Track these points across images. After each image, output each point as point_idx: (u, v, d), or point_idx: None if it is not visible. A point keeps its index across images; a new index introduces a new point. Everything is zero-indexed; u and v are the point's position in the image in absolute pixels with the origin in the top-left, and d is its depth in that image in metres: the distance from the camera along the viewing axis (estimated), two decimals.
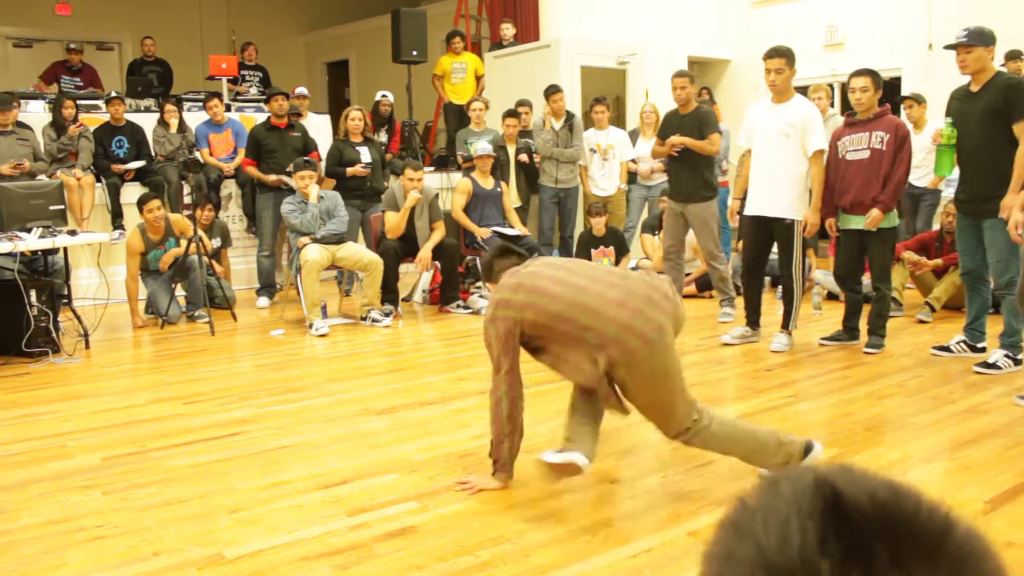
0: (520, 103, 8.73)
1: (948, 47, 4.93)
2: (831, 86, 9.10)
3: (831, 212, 5.54)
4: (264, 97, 8.93)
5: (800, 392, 4.66)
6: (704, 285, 7.75)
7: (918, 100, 7.83)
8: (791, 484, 0.59)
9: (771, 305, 6.90)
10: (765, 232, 5.71)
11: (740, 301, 6.18)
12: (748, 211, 5.75)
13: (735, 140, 6.89)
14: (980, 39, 4.79)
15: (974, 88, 4.91)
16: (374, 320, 6.62)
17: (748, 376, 5.02)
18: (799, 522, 0.56)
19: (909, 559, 0.54)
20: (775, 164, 5.55)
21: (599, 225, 7.95)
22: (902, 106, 7.89)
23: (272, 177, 7.72)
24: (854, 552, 0.54)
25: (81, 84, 10.64)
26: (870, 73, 5.37)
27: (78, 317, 6.10)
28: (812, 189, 5.51)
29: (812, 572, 0.53)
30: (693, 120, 6.43)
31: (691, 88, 6.52)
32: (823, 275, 7.42)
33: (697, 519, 2.97)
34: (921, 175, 7.60)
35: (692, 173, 6.43)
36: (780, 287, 5.88)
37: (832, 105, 8.39)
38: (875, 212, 5.27)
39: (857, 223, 5.42)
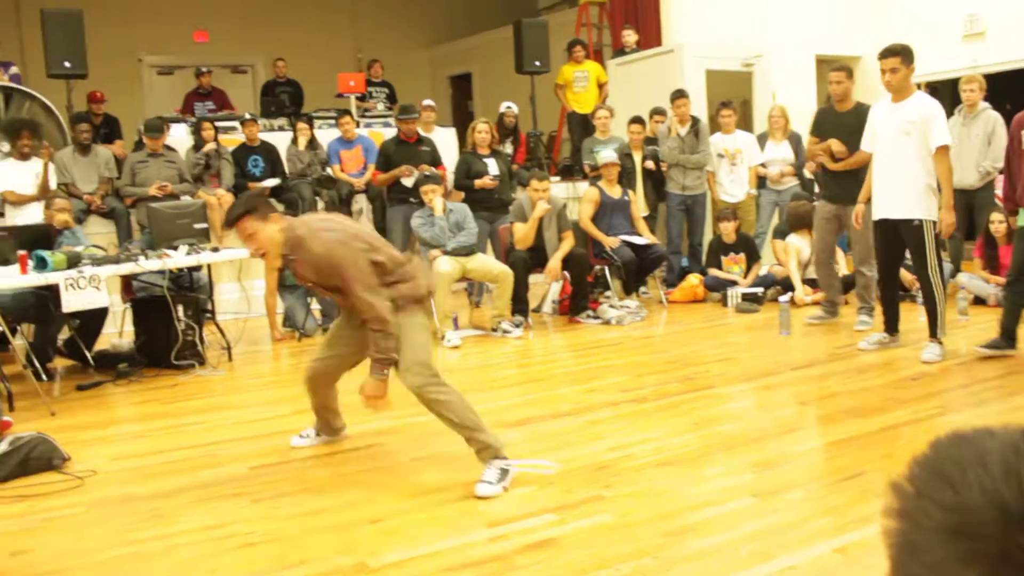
0: (655, 110, 8.67)
1: None
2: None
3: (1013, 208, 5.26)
4: (391, 113, 9.11)
5: (948, 403, 4.44)
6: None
7: None
8: (998, 435, 0.64)
9: (910, 312, 6.63)
10: (894, 235, 5.41)
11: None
12: (874, 215, 5.49)
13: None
14: None
15: None
16: (505, 331, 6.66)
17: (891, 386, 4.81)
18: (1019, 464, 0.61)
19: None
20: (897, 164, 5.27)
21: (729, 231, 7.81)
22: None
23: (402, 170, 7.90)
24: None
25: (213, 107, 11.12)
26: None
27: (221, 331, 6.36)
28: (942, 187, 5.20)
29: None
30: (851, 118, 6.06)
31: (848, 83, 6.24)
32: (968, 278, 7.07)
33: (843, 535, 2.86)
34: None
35: (851, 174, 6.06)
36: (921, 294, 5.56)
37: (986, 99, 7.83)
38: None
39: None
